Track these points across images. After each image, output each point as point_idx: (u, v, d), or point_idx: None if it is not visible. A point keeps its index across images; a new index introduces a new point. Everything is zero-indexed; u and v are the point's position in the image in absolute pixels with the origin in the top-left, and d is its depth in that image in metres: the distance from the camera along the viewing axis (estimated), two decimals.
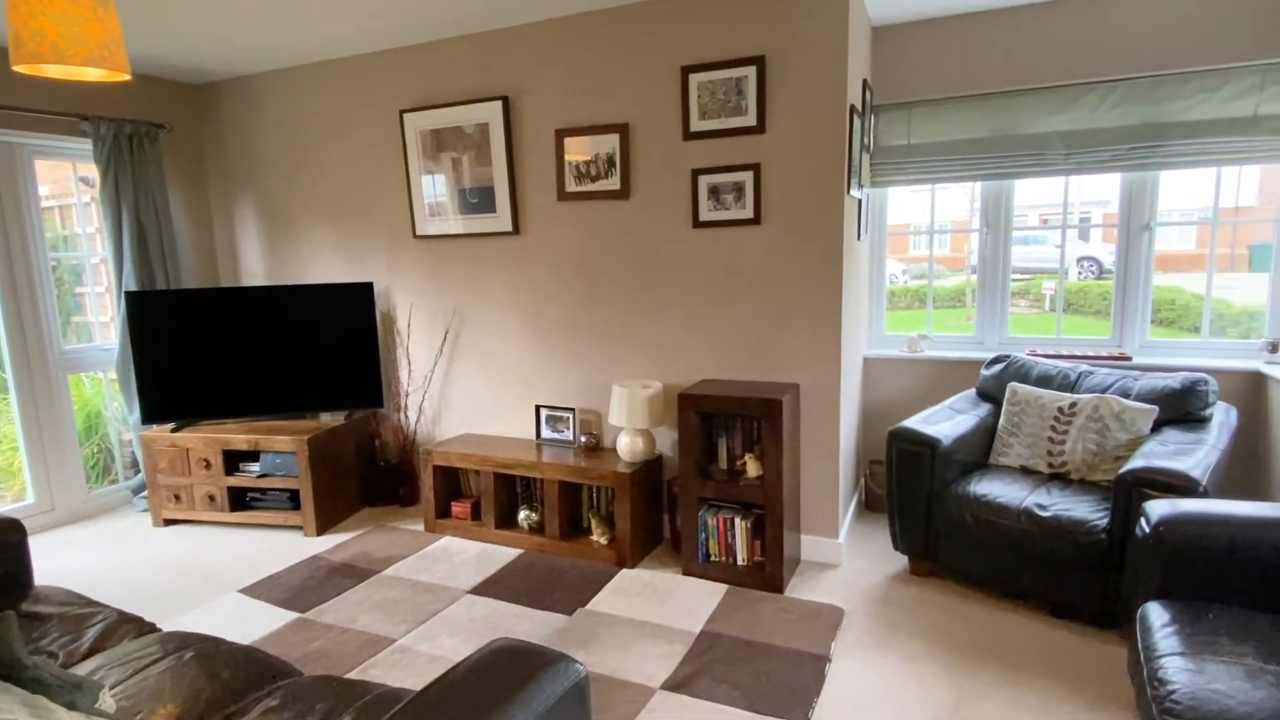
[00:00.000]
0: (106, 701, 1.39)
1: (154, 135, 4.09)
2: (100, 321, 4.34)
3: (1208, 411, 2.86)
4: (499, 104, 3.53)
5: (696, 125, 3.15)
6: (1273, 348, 3.09)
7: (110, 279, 4.17)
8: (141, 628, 1.96)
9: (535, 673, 1.29)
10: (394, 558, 3.39)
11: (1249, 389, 3.15)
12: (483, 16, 3.35)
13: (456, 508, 3.69)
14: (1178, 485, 2.31)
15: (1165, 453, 2.52)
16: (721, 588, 3.00)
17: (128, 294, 3.77)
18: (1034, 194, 3.72)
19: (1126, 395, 2.97)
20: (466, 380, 3.97)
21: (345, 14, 3.27)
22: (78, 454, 4.07)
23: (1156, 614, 1.85)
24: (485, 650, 1.36)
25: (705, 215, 3.21)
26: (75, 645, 1.85)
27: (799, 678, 2.36)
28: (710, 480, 3.08)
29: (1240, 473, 3.18)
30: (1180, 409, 2.86)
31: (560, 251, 3.59)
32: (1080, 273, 8.25)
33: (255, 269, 4.52)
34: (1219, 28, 2.99)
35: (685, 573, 3.13)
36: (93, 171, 4.01)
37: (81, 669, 1.71)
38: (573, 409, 3.62)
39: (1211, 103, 3.04)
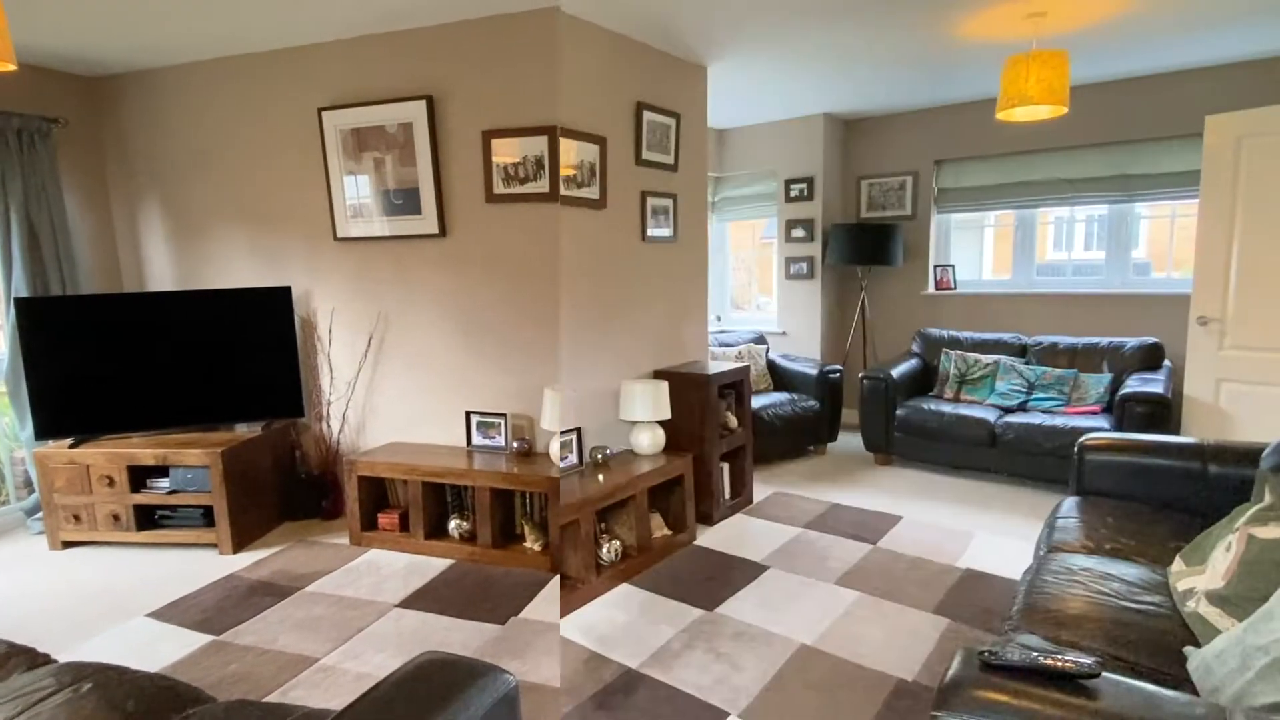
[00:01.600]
0: None
1: (46, 130, 3.81)
2: None
3: None
4: (423, 103, 3.45)
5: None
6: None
7: None
8: (34, 660, 1.81)
9: (462, 685, 1.26)
10: (317, 573, 3.26)
11: None
12: (406, 14, 3.27)
13: (383, 519, 3.58)
14: None
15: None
16: None
17: (17, 300, 3.50)
18: None
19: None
20: (393, 387, 3.85)
21: (259, 5, 3.13)
22: None
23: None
24: (410, 664, 1.32)
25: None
26: None
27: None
28: None
29: None
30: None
31: (489, 254, 3.54)
32: None
33: (162, 273, 4.27)
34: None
35: None
36: None
37: None
38: (504, 414, 3.56)
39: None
